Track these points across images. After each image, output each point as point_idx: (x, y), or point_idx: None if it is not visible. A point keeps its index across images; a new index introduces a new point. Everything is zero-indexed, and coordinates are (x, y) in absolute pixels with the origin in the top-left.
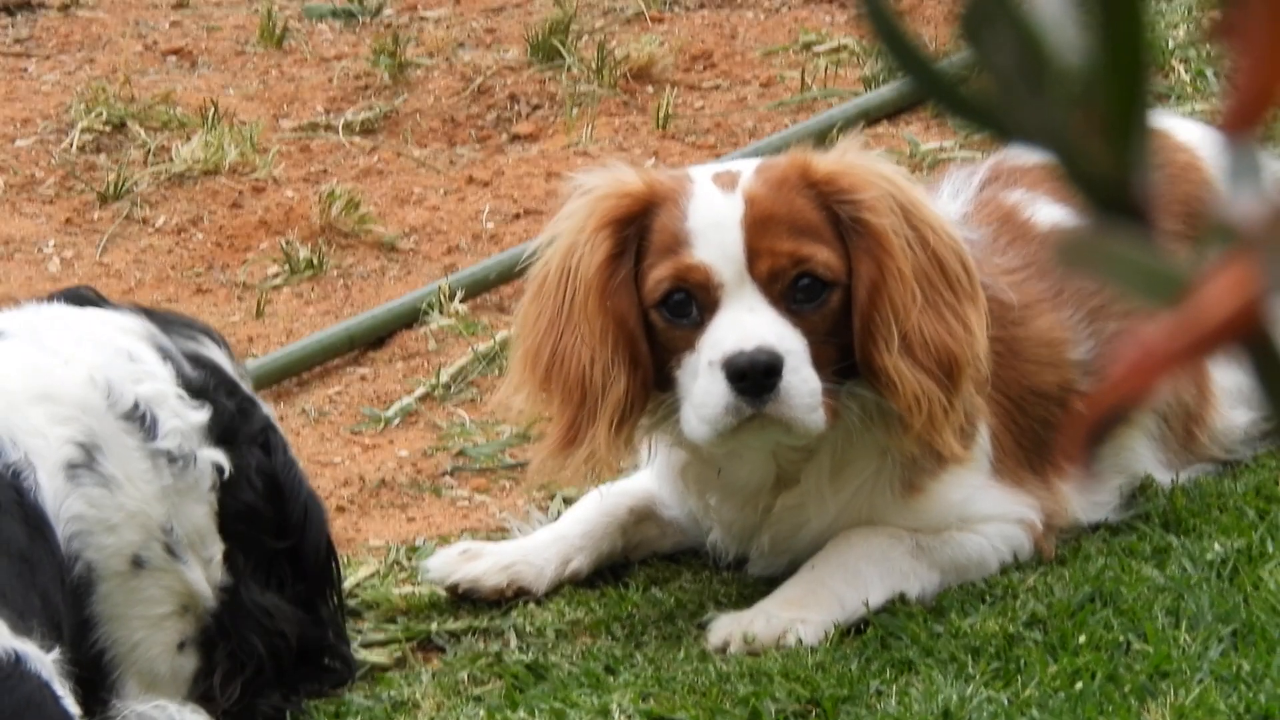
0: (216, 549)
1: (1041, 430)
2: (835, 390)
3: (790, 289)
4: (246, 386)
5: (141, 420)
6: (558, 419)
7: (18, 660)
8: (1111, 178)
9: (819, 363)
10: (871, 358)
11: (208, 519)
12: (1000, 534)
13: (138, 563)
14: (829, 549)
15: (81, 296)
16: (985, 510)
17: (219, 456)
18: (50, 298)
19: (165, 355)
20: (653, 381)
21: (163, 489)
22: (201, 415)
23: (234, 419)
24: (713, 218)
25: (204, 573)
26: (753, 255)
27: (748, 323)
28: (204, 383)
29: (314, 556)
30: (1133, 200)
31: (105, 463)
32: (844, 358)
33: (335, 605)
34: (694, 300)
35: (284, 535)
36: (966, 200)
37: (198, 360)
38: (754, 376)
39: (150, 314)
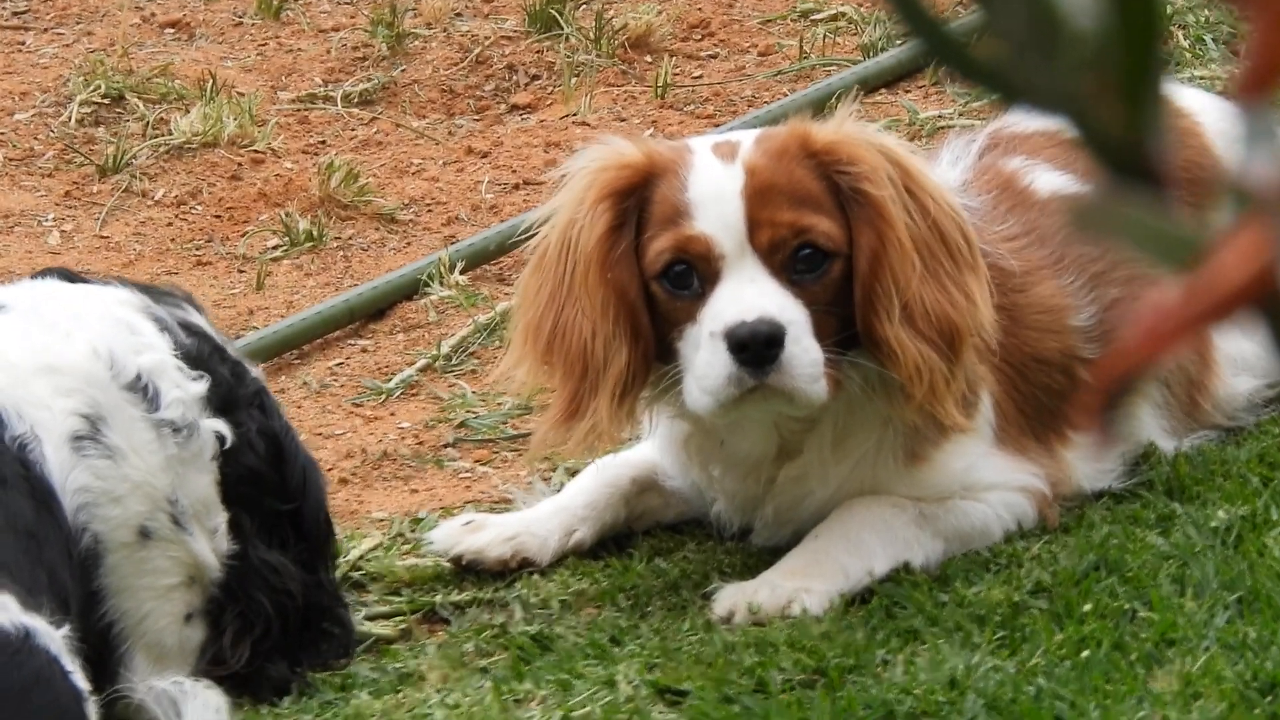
0: (221, 519)
1: (1044, 397)
2: (837, 361)
3: (791, 259)
4: (233, 351)
5: (144, 391)
6: (559, 392)
7: (27, 635)
8: (1125, 141)
9: (821, 333)
10: (873, 328)
11: (211, 489)
12: (1004, 502)
13: (145, 534)
14: (833, 519)
15: (66, 275)
16: (988, 478)
17: (220, 426)
18: (35, 277)
19: (161, 325)
20: (654, 353)
21: (167, 459)
22: (200, 385)
23: (231, 385)
24: (713, 189)
25: (209, 543)
26: (753, 226)
27: (749, 293)
28: (198, 350)
29: (314, 520)
30: (1146, 164)
31: (110, 434)
32: (845, 328)
33: (333, 570)
34: (695, 271)
35: (286, 498)
36: (966, 168)
37: (188, 328)
38: (755, 347)
39: (137, 285)
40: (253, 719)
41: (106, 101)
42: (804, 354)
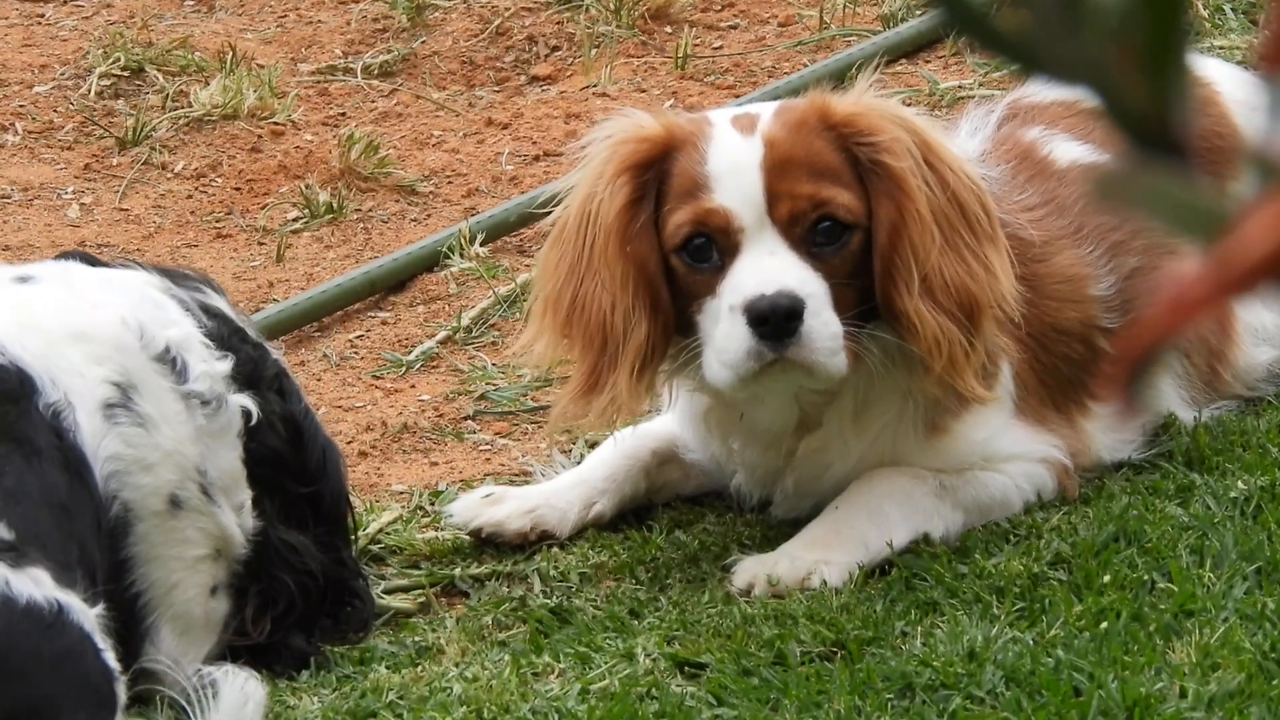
0: (246, 495)
1: (1064, 367)
2: (856, 333)
3: (810, 232)
4: (253, 333)
5: (173, 363)
6: (579, 365)
7: (60, 610)
8: (1149, 113)
9: (840, 305)
10: (892, 300)
11: (238, 464)
12: (1024, 473)
13: (175, 502)
14: (852, 490)
15: (87, 259)
16: (1009, 449)
17: (246, 402)
18: (57, 259)
19: (184, 307)
20: (674, 327)
21: (196, 430)
22: (226, 364)
23: (253, 366)
24: (732, 161)
25: (236, 518)
26: (773, 198)
27: (769, 266)
28: (219, 332)
29: (333, 501)
30: (1171, 135)
31: (141, 402)
32: (864, 300)
33: (352, 547)
34: (714, 244)
35: (305, 480)
36: (985, 138)
37: (208, 311)
38: (775, 320)
39: (157, 269)
40: (272, 694)
41: (126, 74)
42: (823, 327)
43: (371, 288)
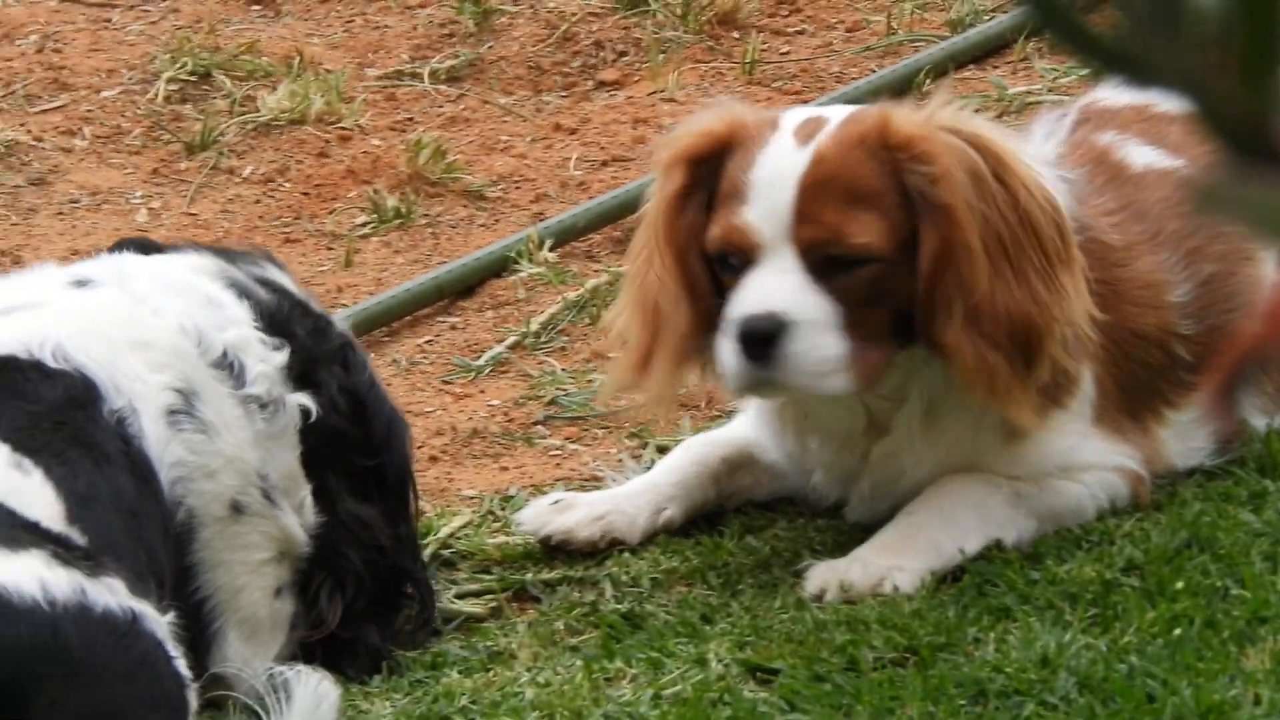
0: (306, 491)
1: (1141, 373)
2: (886, 352)
3: (825, 257)
4: (316, 305)
5: (231, 368)
6: (635, 341)
7: (135, 619)
8: (1248, 120)
9: (865, 326)
10: (931, 329)
11: (296, 463)
12: (1100, 482)
13: (237, 508)
14: (926, 495)
15: (143, 245)
16: (1087, 458)
17: (304, 399)
18: (113, 248)
19: (240, 290)
20: (715, 320)
21: (255, 434)
22: (281, 354)
23: (312, 344)
24: (774, 174)
25: (297, 518)
26: (800, 218)
27: (769, 286)
28: (278, 306)
29: (396, 473)
30: (1268, 142)
31: (203, 409)
32: (905, 321)
33: (412, 526)
34: (738, 255)
35: (370, 453)
36: (1059, 142)
37: (268, 285)
38: (756, 341)
39: (213, 250)
40: (344, 698)
41: (193, 79)
42: (810, 351)
43: (440, 293)
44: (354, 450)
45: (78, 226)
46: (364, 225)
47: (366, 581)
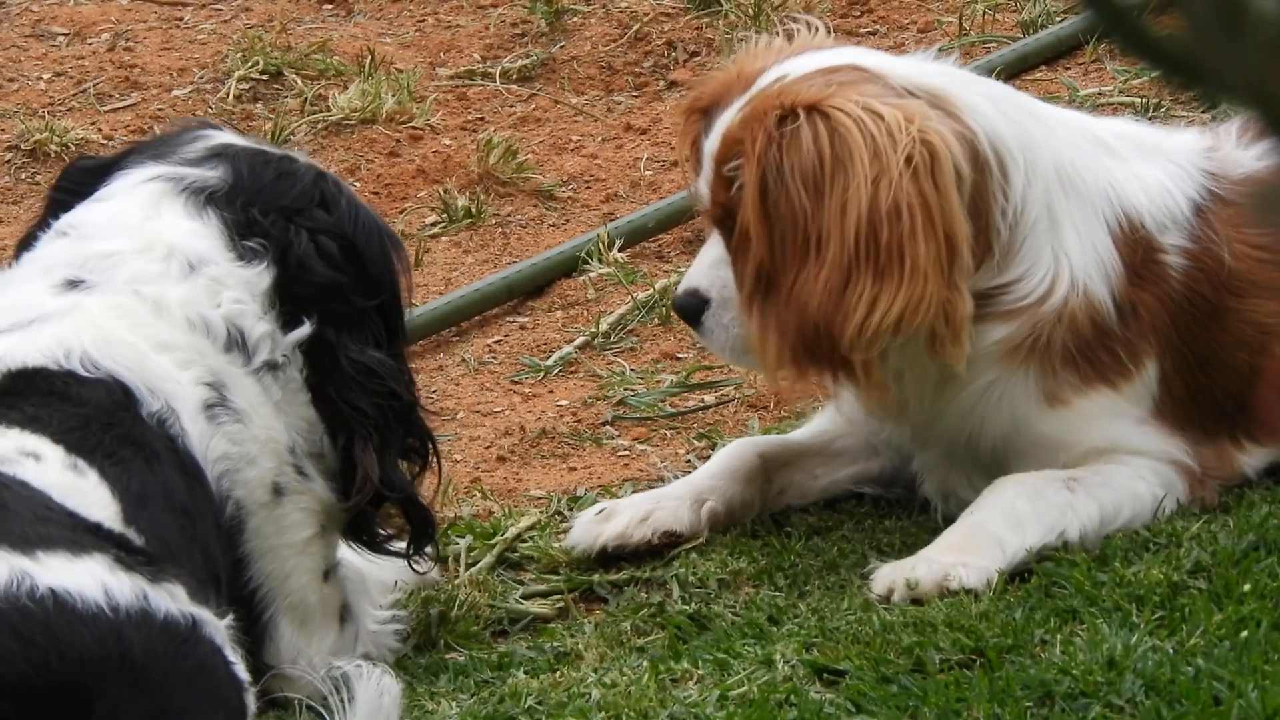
0: (320, 431)
1: (1220, 398)
2: None
3: (730, 234)
4: (271, 148)
5: (238, 345)
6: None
7: (194, 625)
8: None
9: None
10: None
11: (309, 408)
12: (1150, 469)
13: (278, 490)
14: (986, 494)
15: (85, 171)
16: (1136, 443)
17: (300, 333)
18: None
19: (197, 198)
20: None
21: (274, 406)
22: (263, 277)
23: (279, 201)
24: (707, 149)
25: (323, 475)
26: (712, 197)
27: (699, 260)
28: (236, 176)
29: (395, 303)
30: None
31: (233, 397)
32: None
33: (403, 352)
34: (703, 224)
35: (368, 292)
36: (1254, 159)
37: (217, 158)
38: (683, 316)
39: (150, 152)
40: (410, 699)
41: (265, 78)
42: (723, 329)
43: (510, 293)
44: (352, 293)
45: None
46: (434, 225)
47: (389, 430)
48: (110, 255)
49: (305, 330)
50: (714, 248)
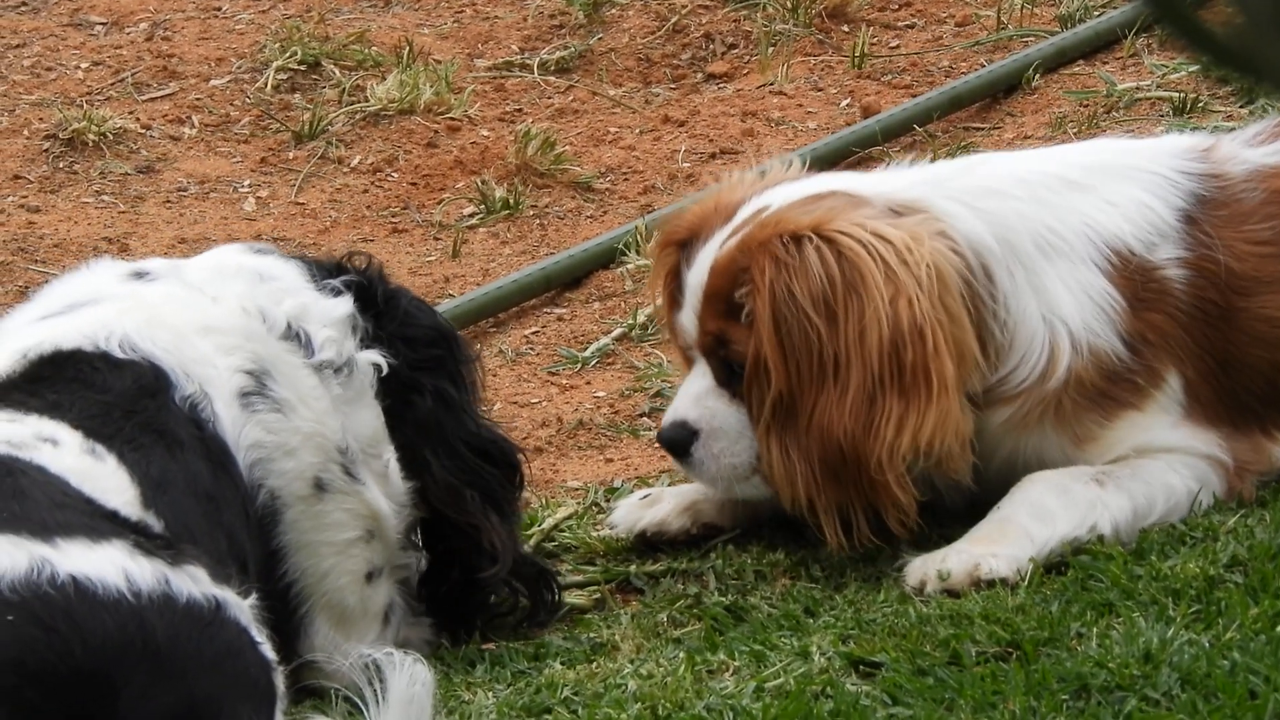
0: (390, 454)
1: (1245, 397)
2: None
3: (725, 364)
4: None
5: (298, 338)
6: None
7: (218, 607)
8: None
9: None
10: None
11: (377, 422)
12: (1183, 463)
13: (319, 485)
14: (1014, 490)
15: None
16: (1167, 441)
17: (374, 356)
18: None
19: (278, 254)
20: None
21: (333, 402)
22: (343, 304)
23: (364, 271)
24: (696, 278)
25: (382, 489)
26: (701, 327)
27: (686, 392)
28: (313, 262)
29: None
30: None
31: (276, 387)
32: None
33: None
34: (683, 354)
35: (464, 351)
36: (1264, 155)
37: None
38: (671, 449)
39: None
40: (446, 689)
41: (302, 68)
42: (713, 459)
43: (548, 284)
44: (458, 349)
45: (185, 215)
46: (472, 216)
47: (509, 494)
48: (186, 264)
49: (378, 356)
50: (701, 378)
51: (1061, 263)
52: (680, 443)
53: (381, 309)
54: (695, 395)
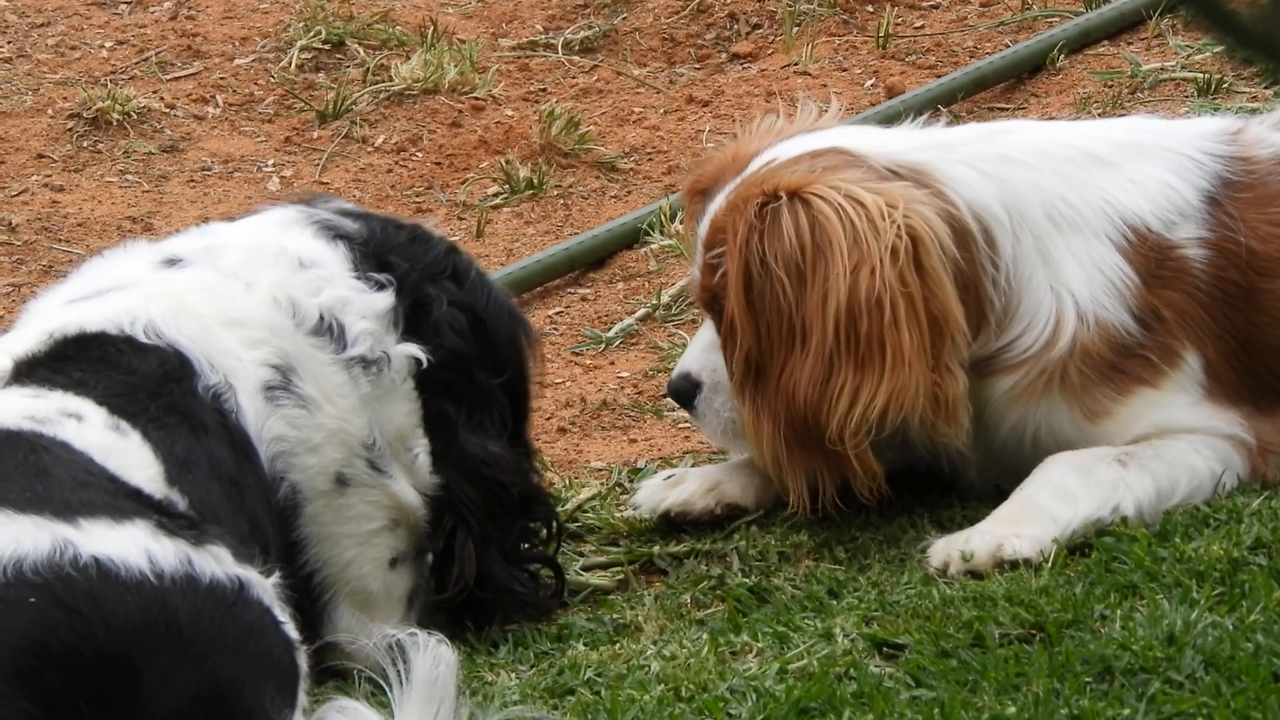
0: (420, 446)
1: (1268, 377)
2: None
3: (720, 320)
4: (406, 220)
5: (330, 332)
6: None
7: (242, 587)
8: None
9: None
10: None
11: (408, 417)
12: (1206, 444)
13: (342, 480)
14: (1036, 471)
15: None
16: (1188, 421)
17: (413, 349)
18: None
19: (330, 232)
20: None
21: (361, 399)
22: (385, 297)
23: (414, 261)
24: (699, 234)
25: (410, 480)
26: (701, 281)
27: (693, 344)
28: (371, 233)
29: (520, 386)
30: None
31: (301, 384)
32: None
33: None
34: (698, 308)
35: (496, 369)
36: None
37: (353, 215)
38: (677, 399)
39: (294, 200)
40: (469, 670)
41: (327, 47)
42: (715, 413)
43: (571, 264)
44: (478, 367)
45: (209, 194)
46: (496, 195)
47: (493, 524)
48: (220, 246)
49: (415, 349)
50: (707, 332)
51: (1073, 235)
52: (684, 394)
53: (410, 319)
54: (701, 347)
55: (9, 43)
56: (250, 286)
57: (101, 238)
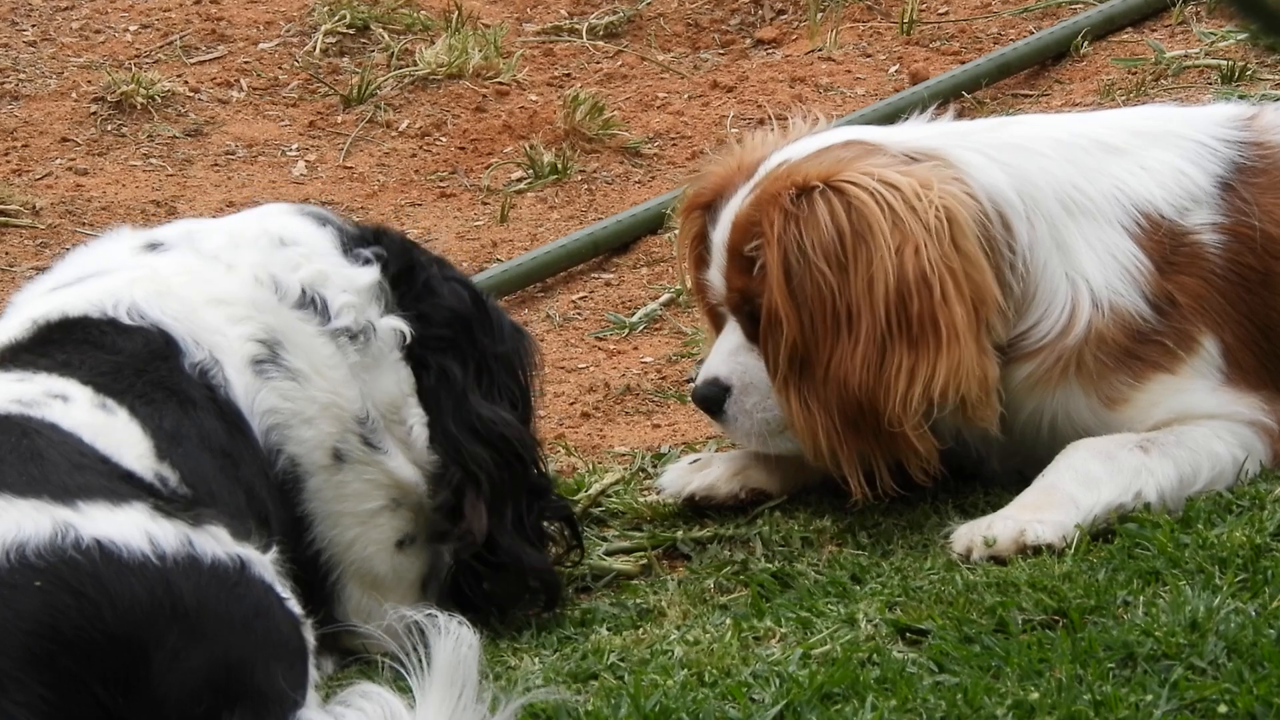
0: (415, 417)
1: None
2: None
3: (751, 320)
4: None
5: (313, 305)
6: None
7: (243, 566)
8: None
9: None
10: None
11: (399, 386)
12: (1227, 429)
13: (338, 455)
14: (1059, 457)
15: None
16: (1209, 407)
17: (398, 323)
18: None
19: (317, 218)
20: None
21: (350, 369)
22: (369, 272)
23: (402, 243)
24: (718, 238)
25: (407, 455)
26: (728, 284)
27: (717, 349)
28: (362, 228)
29: (524, 371)
30: None
31: (289, 357)
32: None
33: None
34: (714, 313)
35: (498, 338)
36: None
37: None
38: (704, 407)
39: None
40: (493, 654)
41: (351, 32)
42: (748, 414)
43: (595, 249)
44: (479, 332)
45: (233, 178)
46: (520, 180)
47: (506, 487)
48: (203, 231)
49: (400, 323)
50: (731, 335)
51: (1086, 222)
52: (713, 399)
53: (402, 283)
54: (726, 352)
55: (33, 26)
56: (231, 268)
57: (125, 221)
